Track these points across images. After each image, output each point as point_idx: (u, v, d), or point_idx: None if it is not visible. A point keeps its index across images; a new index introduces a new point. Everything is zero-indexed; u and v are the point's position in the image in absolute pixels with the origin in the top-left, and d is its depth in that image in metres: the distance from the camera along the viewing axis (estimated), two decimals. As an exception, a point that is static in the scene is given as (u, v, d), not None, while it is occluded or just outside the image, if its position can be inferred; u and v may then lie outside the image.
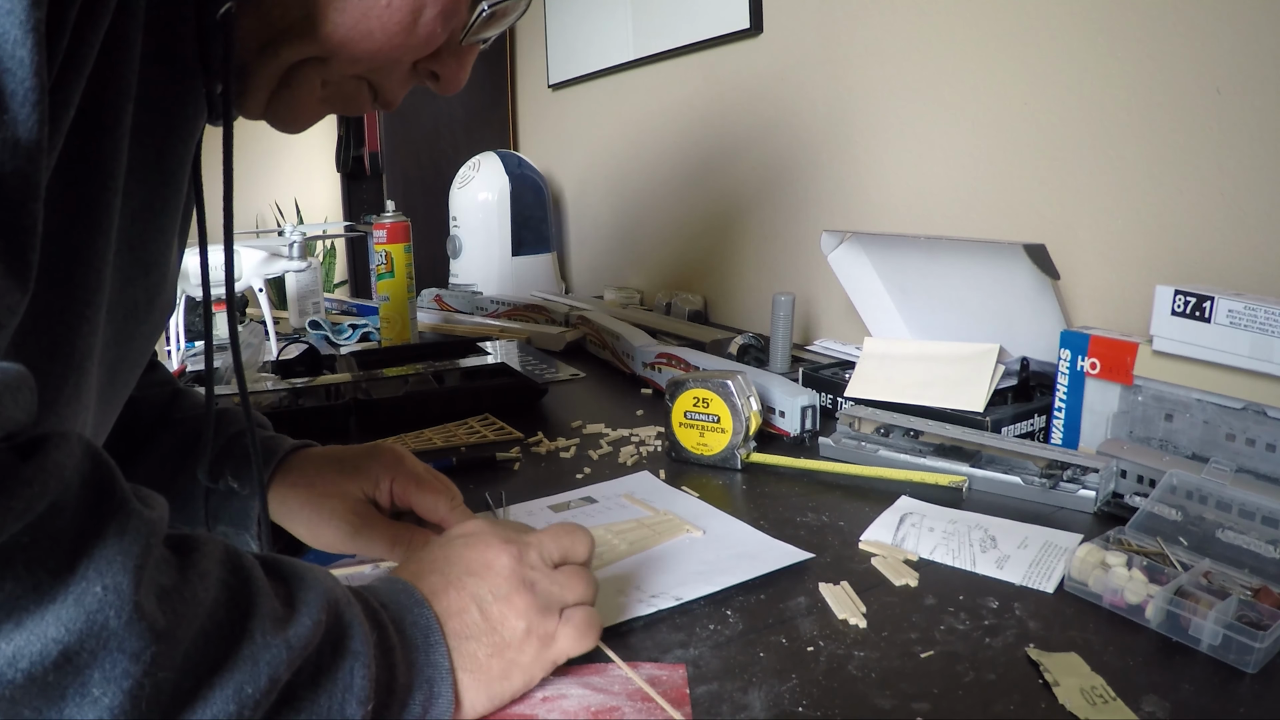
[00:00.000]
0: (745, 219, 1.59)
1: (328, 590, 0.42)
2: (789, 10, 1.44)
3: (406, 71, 0.53)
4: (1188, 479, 0.66)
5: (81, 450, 0.35)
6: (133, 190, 0.46)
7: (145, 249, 0.50)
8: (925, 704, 0.48)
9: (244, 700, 0.35)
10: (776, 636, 0.55)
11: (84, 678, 0.31)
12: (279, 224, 2.05)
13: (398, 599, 0.46)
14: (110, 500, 0.35)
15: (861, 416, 0.89)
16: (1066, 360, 0.84)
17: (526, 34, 2.35)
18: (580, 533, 0.54)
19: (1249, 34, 0.84)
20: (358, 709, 0.39)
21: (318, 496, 0.64)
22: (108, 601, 0.32)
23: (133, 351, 0.53)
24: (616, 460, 0.91)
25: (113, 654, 0.32)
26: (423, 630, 0.45)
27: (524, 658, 0.47)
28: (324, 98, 0.52)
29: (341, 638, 0.41)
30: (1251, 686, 0.49)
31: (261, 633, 0.37)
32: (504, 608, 0.47)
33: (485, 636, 0.46)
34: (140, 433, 0.69)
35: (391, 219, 1.47)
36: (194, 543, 0.39)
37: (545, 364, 1.35)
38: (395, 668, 0.42)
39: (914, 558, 0.66)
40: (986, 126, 1.12)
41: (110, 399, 0.53)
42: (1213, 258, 0.90)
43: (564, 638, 0.49)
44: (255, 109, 0.52)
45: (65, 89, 0.37)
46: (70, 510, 0.33)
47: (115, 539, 0.34)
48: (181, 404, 0.72)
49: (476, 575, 0.48)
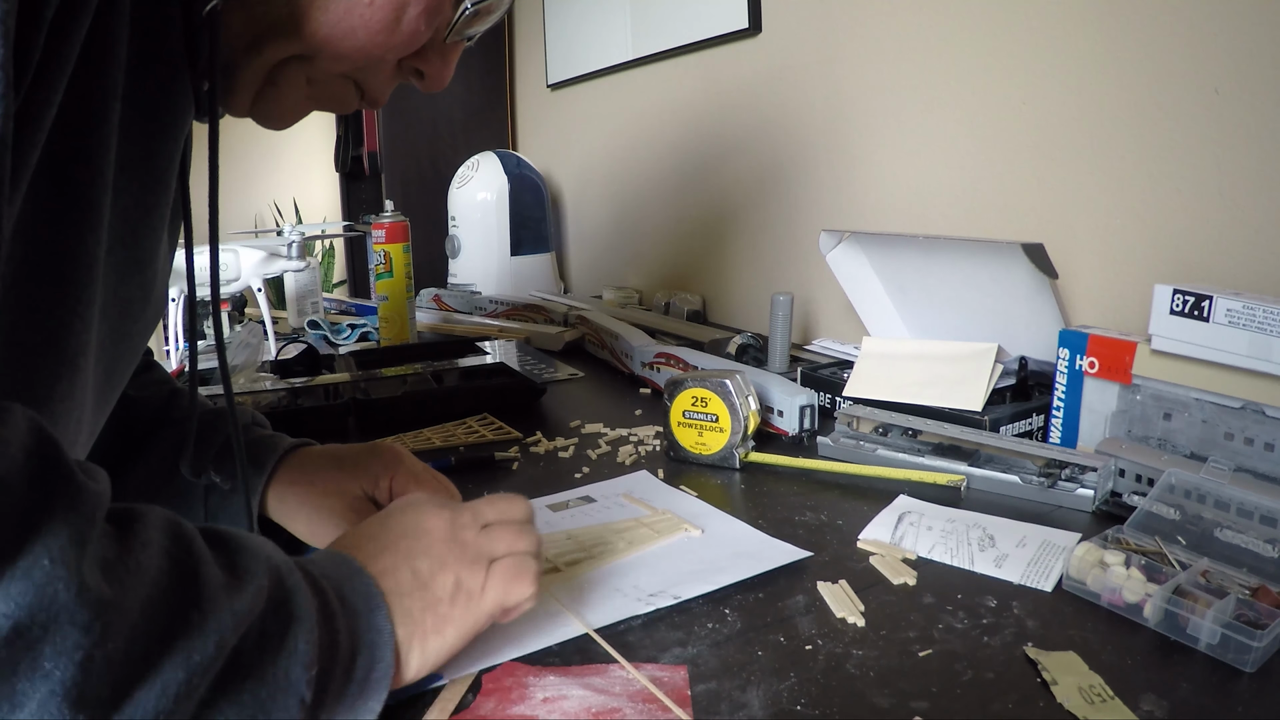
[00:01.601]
0: (744, 219, 1.60)
1: (269, 557, 0.42)
2: (788, 10, 1.44)
3: (392, 69, 0.54)
4: (1186, 478, 0.66)
5: (26, 424, 0.35)
6: (123, 187, 0.46)
7: (138, 245, 0.50)
8: (923, 702, 0.48)
9: (192, 667, 0.35)
10: (775, 635, 0.55)
11: (36, 651, 0.31)
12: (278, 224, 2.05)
13: (337, 569, 0.46)
14: (56, 474, 0.35)
15: (860, 416, 0.89)
16: (1065, 359, 0.84)
17: (525, 34, 2.35)
18: (516, 498, 0.55)
19: (1247, 34, 0.84)
20: (302, 673, 0.40)
21: (317, 494, 0.64)
22: (56, 575, 0.32)
23: (128, 349, 0.54)
24: (615, 460, 0.91)
25: (63, 627, 0.32)
26: (363, 596, 0.45)
27: (455, 611, 0.48)
28: (310, 96, 0.52)
29: (284, 603, 0.41)
30: (1249, 685, 0.49)
31: (208, 599, 0.37)
32: (433, 564, 0.49)
33: (418, 593, 0.47)
34: (139, 431, 0.69)
35: (390, 219, 1.47)
36: (135, 514, 0.39)
37: (544, 364, 1.35)
38: (338, 633, 0.43)
39: (912, 556, 0.66)
40: (985, 126, 1.12)
41: (106, 396, 0.53)
42: (1211, 257, 0.90)
43: (492, 588, 0.50)
44: (241, 106, 0.52)
45: (46, 86, 0.36)
46: (16, 485, 0.33)
47: (62, 513, 0.34)
48: (179, 402, 0.72)
49: (410, 537, 0.50)
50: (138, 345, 0.55)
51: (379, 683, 0.44)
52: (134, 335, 0.53)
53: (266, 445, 0.67)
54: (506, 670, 0.51)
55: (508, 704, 0.48)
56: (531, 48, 2.31)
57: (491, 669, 0.51)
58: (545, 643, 0.54)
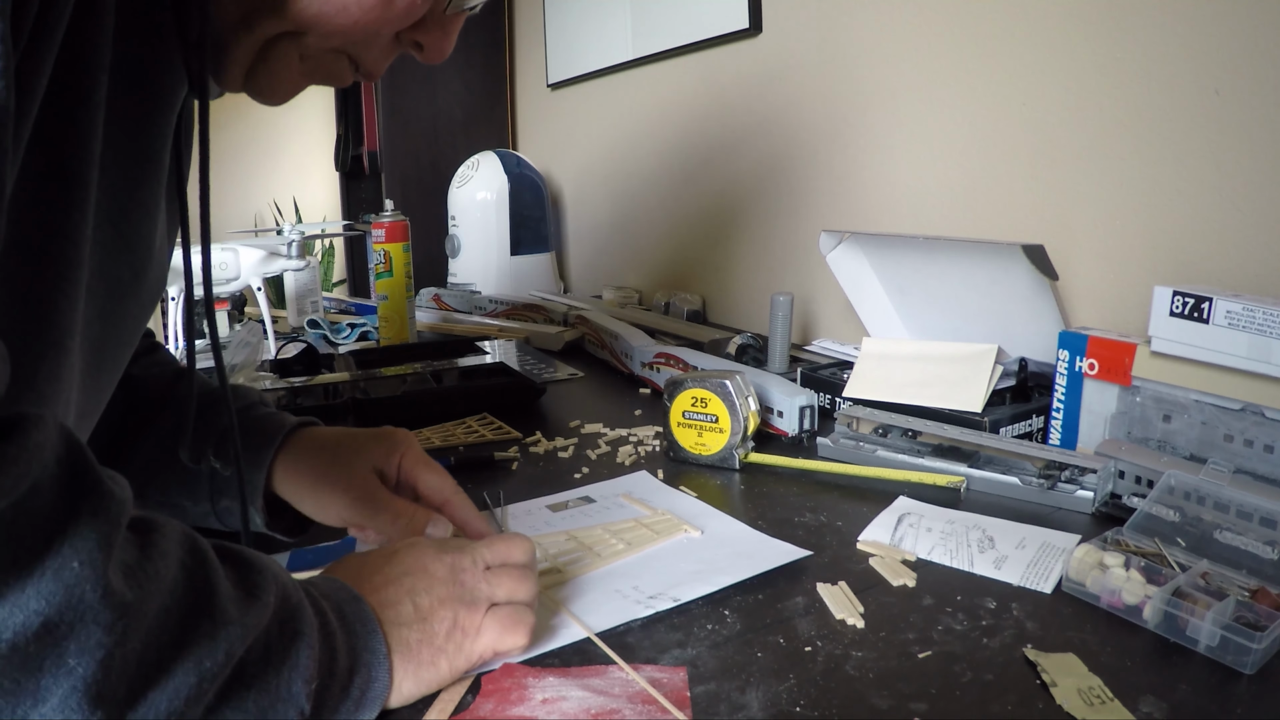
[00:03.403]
0: (744, 219, 1.59)
1: (277, 575, 0.44)
2: (788, 10, 1.44)
3: (389, 42, 0.52)
4: (1186, 480, 0.66)
5: (57, 432, 0.36)
6: (110, 164, 0.45)
7: (127, 223, 0.49)
8: (923, 704, 0.48)
9: (203, 673, 0.37)
10: (774, 636, 0.55)
11: (61, 648, 0.33)
12: (277, 223, 2.05)
13: (338, 592, 0.48)
14: (85, 480, 0.36)
15: (860, 416, 0.89)
16: (1065, 361, 0.84)
17: (526, 33, 2.35)
18: (519, 540, 0.56)
19: (1248, 36, 0.84)
20: (303, 687, 0.42)
21: (324, 466, 0.64)
22: (83, 575, 0.34)
23: (121, 330, 0.53)
24: (615, 460, 0.91)
25: (88, 625, 0.34)
26: (361, 620, 0.47)
27: (449, 646, 0.50)
28: (303, 71, 0.51)
29: (290, 620, 0.43)
30: (1249, 687, 0.49)
31: (220, 611, 0.39)
32: (433, 601, 0.50)
33: (416, 625, 0.49)
34: (144, 412, 0.69)
35: (390, 218, 1.47)
36: (153, 524, 0.40)
37: (543, 363, 1.35)
38: (336, 651, 0.45)
39: (912, 558, 0.66)
40: (985, 127, 1.12)
41: (98, 378, 0.53)
42: (1211, 258, 0.90)
43: (488, 631, 0.51)
44: (234, 82, 0.51)
45: (36, 56, 0.36)
46: (49, 489, 0.34)
47: (89, 517, 0.35)
48: (184, 384, 0.71)
49: (413, 575, 0.51)
50: (131, 327, 0.55)
51: (374, 700, 0.46)
52: (128, 316, 0.53)
53: (272, 423, 0.67)
54: (506, 671, 0.51)
55: (507, 705, 0.48)
56: (532, 47, 2.30)
57: (490, 670, 0.51)
58: (545, 647, 0.54)
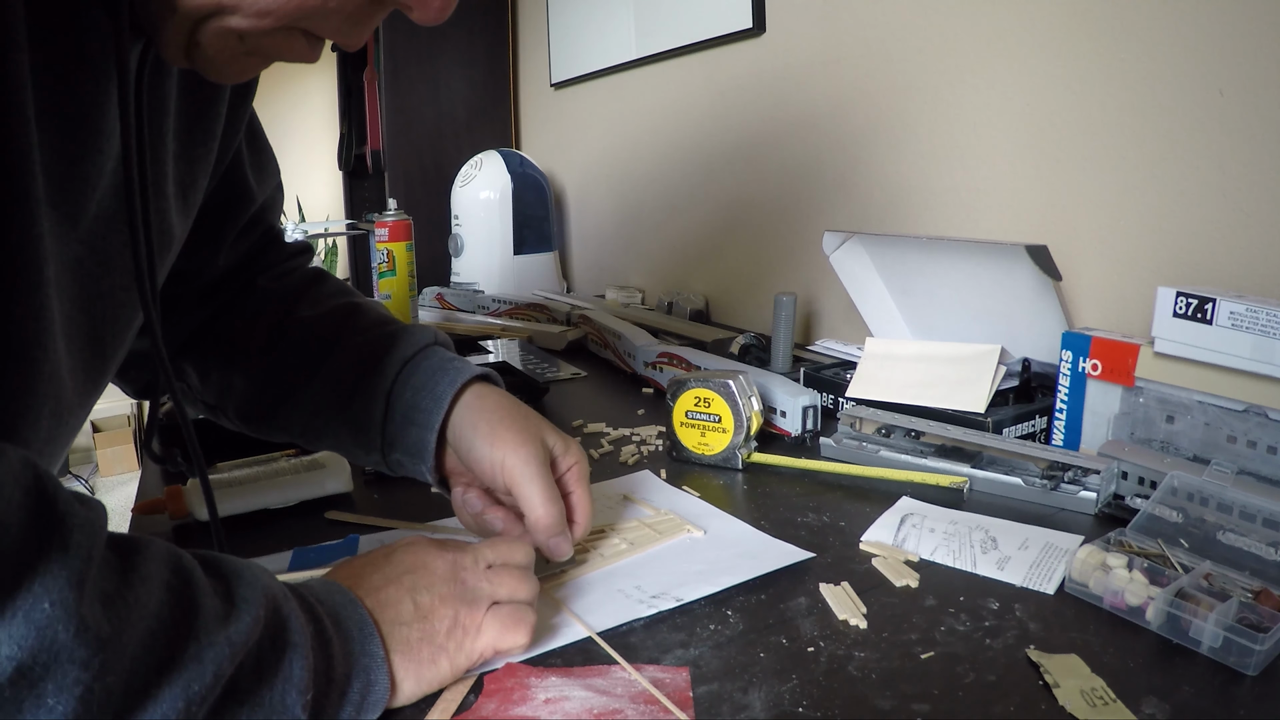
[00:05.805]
0: (747, 218, 1.59)
1: (265, 586, 0.43)
2: (792, 10, 1.44)
3: (352, 13, 0.46)
4: (1189, 481, 0.66)
5: (20, 463, 0.35)
6: (44, 142, 0.42)
7: (66, 201, 0.46)
8: (925, 705, 0.48)
9: (191, 697, 0.36)
10: (777, 637, 0.55)
11: (39, 689, 0.32)
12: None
13: (333, 597, 0.47)
14: (52, 512, 0.35)
15: (863, 417, 0.89)
16: (1068, 361, 0.84)
17: (529, 33, 2.35)
18: (518, 542, 0.57)
19: (1252, 36, 0.84)
20: (298, 698, 0.41)
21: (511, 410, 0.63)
22: (55, 616, 0.33)
23: (107, 310, 0.51)
24: (617, 459, 0.91)
25: (63, 665, 0.33)
26: (357, 623, 0.47)
27: (450, 644, 0.50)
28: (249, 51, 0.47)
29: (280, 631, 0.42)
30: (1252, 689, 0.49)
31: (205, 631, 0.38)
32: (434, 599, 0.50)
33: (417, 624, 0.49)
34: (315, 351, 0.67)
35: (393, 217, 1.47)
36: (137, 545, 0.39)
37: (546, 363, 1.35)
38: (333, 658, 0.44)
39: (915, 558, 0.66)
40: (988, 126, 1.12)
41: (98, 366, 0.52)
42: (1215, 259, 0.90)
43: (489, 630, 0.51)
44: (176, 59, 0.47)
45: None
46: (14, 526, 0.33)
47: (59, 553, 0.34)
48: (359, 321, 0.69)
49: (413, 573, 0.51)
50: (123, 300, 0.52)
51: (375, 705, 0.46)
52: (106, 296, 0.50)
53: (453, 369, 0.65)
54: (508, 671, 0.51)
55: (509, 705, 0.48)
56: (535, 47, 2.30)
57: (493, 670, 0.51)
58: (548, 646, 0.54)
